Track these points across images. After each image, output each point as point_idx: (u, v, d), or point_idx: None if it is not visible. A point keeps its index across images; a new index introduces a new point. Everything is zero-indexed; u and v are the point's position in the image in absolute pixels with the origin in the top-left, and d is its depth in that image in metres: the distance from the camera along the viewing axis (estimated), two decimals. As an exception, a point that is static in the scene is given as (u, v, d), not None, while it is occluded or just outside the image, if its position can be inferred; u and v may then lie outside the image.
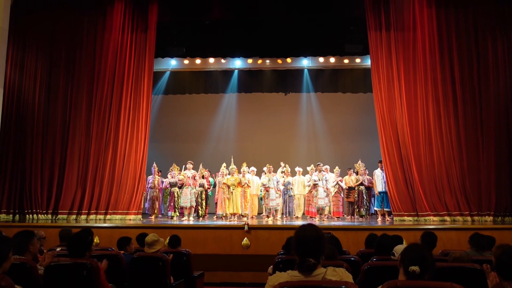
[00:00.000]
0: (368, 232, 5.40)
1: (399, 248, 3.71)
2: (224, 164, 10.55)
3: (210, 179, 10.95)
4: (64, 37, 10.27)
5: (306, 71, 13.35)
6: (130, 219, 9.44)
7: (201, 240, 7.67)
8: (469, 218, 8.97)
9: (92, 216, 9.56)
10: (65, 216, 9.49)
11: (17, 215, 9.70)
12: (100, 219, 9.44)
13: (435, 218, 9.03)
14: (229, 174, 10.13)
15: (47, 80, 10.18)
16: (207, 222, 9.40)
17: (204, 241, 7.67)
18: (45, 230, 6.21)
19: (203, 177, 10.64)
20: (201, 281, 5.78)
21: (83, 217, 9.51)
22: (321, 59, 12.62)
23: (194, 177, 10.10)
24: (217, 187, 10.72)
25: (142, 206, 9.99)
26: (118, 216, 9.53)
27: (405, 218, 9.15)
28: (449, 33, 9.68)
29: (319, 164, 10.11)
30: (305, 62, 12.89)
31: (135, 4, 10.30)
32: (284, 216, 10.22)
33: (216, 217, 10.24)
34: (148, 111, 10.08)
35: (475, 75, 9.51)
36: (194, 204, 9.92)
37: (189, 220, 9.52)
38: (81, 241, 3.80)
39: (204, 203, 10.43)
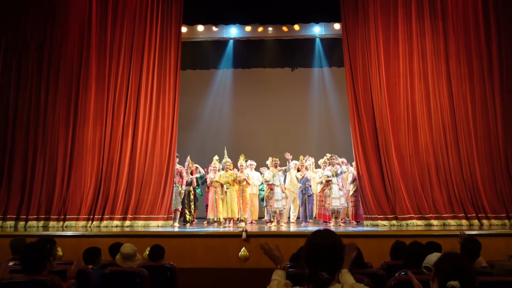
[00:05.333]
0: (395, 239, 5.38)
1: (431, 258, 3.68)
2: (217, 157, 10.56)
3: (198, 174, 10.90)
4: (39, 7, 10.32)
5: (318, 40, 13.33)
6: (158, 226, 9.47)
7: (189, 251, 7.75)
8: (464, 222, 9.11)
9: (105, 222, 9.59)
10: (73, 223, 9.55)
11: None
12: (116, 226, 9.50)
13: (420, 222, 9.18)
14: (222, 169, 10.13)
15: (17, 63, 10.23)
16: (196, 228, 9.47)
17: (193, 252, 7.75)
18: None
19: (191, 173, 10.63)
20: (189, 302, 5.80)
21: (95, 223, 9.57)
22: (337, 26, 12.51)
23: (180, 173, 10.10)
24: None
25: (172, 210, 9.96)
26: (140, 222, 9.58)
27: (379, 222, 9.30)
28: None
29: (332, 156, 10.09)
30: (317, 30, 12.79)
31: None
32: (303, 221, 10.25)
33: (207, 223, 10.27)
34: (177, 92, 10.20)
35: (475, 46, 9.64)
36: (180, 206, 9.94)
37: (173, 227, 9.59)
38: (38, 254, 3.79)
39: (192, 206, 10.44)
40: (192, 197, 10.50)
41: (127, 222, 9.61)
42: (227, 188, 9.83)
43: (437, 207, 9.28)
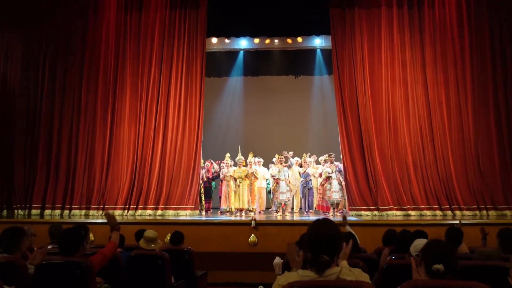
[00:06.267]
0: (387, 227, 5.39)
1: (417, 243, 3.68)
2: (228, 154, 10.55)
3: (212, 169, 10.92)
4: (72, 17, 10.36)
5: (319, 51, 13.27)
6: (186, 215, 9.43)
7: (204, 237, 7.70)
8: (438, 212, 9.05)
9: (139, 212, 9.57)
10: (111, 212, 9.49)
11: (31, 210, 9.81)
12: (150, 215, 9.47)
13: (399, 213, 9.10)
14: (234, 165, 10.17)
15: (52, 67, 10.28)
16: (210, 217, 9.42)
17: (208, 238, 7.70)
18: (35, 226, 6.28)
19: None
20: (205, 281, 5.83)
21: (131, 212, 9.55)
22: (336, 38, 12.51)
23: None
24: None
25: (198, 201, 9.94)
26: (171, 212, 9.55)
27: (362, 212, 9.23)
28: (421, 9, 9.81)
29: (331, 155, 10.10)
30: (318, 42, 12.77)
31: None
32: (305, 211, 10.27)
33: (220, 212, 10.30)
34: (202, 96, 10.09)
35: (449, 56, 9.60)
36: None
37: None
38: (73, 238, 3.83)
39: (203, 197, 10.45)
40: (202, 190, 10.51)
41: (159, 212, 9.53)
42: (239, 182, 9.82)
43: (415, 200, 9.21)
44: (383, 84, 9.72)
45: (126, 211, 9.56)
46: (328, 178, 9.81)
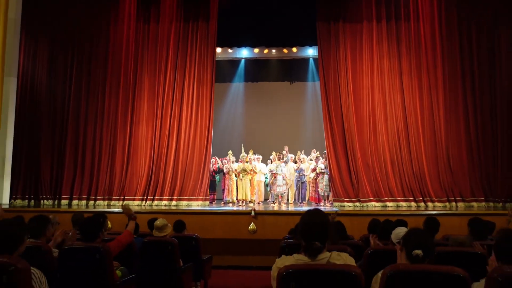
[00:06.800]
0: (372, 217, 5.39)
1: (396, 231, 3.67)
2: (231, 152, 10.56)
3: (217, 165, 10.93)
4: (95, 27, 10.33)
5: (311, 60, 13.23)
6: (198, 205, 9.37)
7: (209, 225, 7.66)
8: (413, 204, 9.05)
9: (156, 202, 9.52)
10: (130, 202, 9.48)
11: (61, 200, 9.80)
12: (165, 205, 9.40)
13: (377, 204, 9.09)
14: (236, 161, 10.18)
15: (76, 71, 10.25)
16: (215, 207, 9.38)
17: (212, 226, 7.66)
18: (59, 215, 6.28)
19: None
20: (210, 265, 5.81)
21: (148, 202, 9.49)
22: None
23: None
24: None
25: (208, 193, 9.90)
26: (184, 202, 9.49)
27: (345, 204, 9.22)
28: (398, 23, 9.82)
29: (325, 153, 10.11)
30: (311, 52, 12.76)
31: None
32: (298, 202, 10.28)
33: (224, 203, 10.30)
34: (212, 100, 10.03)
35: (423, 65, 9.59)
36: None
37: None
38: (93, 225, 3.84)
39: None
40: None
41: (174, 202, 9.50)
42: (242, 176, 9.79)
43: (392, 193, 9.20)
44: (364, 90, 9.70)
45: (144, 201, 9.51)
46: (321, 174, 9.84)
